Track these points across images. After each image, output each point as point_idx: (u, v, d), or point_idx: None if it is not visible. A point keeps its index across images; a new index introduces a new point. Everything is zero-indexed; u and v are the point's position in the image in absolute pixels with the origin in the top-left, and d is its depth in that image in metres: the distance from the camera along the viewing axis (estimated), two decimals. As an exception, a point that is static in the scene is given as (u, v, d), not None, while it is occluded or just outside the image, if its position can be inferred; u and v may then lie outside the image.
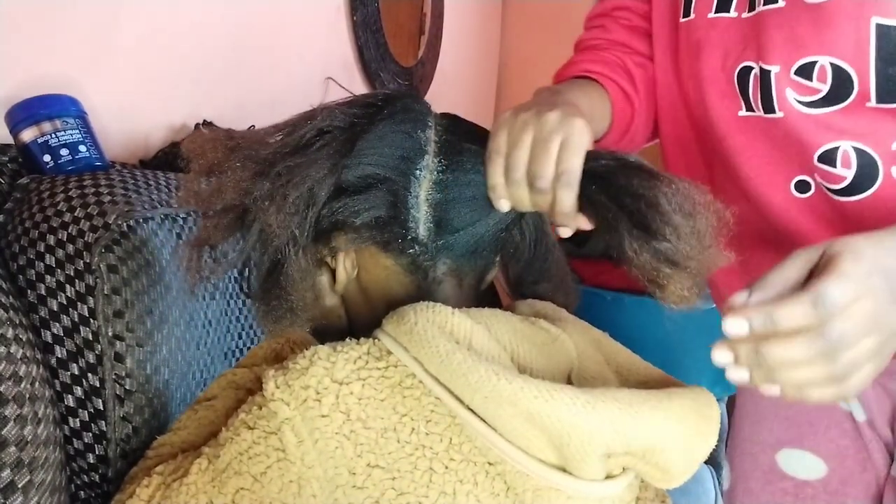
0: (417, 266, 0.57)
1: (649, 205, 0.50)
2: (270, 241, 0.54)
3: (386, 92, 0.60)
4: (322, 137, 0.55)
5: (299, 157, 0.54)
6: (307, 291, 0.56)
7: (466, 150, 0.58)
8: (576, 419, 0.45)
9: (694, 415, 0.49)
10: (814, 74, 0.61)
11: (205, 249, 0.57)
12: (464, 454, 0.48)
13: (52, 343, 0.69)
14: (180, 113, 1.15)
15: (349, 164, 0.55)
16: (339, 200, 0.56)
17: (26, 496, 0.59)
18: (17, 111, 0.83)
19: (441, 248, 0.57)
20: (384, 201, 0.56)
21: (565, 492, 0.47)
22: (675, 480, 0.50)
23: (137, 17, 1.04)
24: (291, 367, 0.49)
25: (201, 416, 0.62)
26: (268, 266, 0.56)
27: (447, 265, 0.58)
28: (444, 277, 0.58)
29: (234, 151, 0.55)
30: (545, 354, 0.53)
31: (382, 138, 0.56)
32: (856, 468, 0.74)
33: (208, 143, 0.56)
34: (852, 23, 0.58)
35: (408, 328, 0.49)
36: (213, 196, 0.55)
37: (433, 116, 0.60)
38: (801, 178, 0.66)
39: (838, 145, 0.62)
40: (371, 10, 1.64)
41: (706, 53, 0.68)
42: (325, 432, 0.47)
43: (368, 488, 0.47)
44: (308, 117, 0.57)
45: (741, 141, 0.68)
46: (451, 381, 0.47)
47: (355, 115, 0.57)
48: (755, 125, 0.67)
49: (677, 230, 0.49)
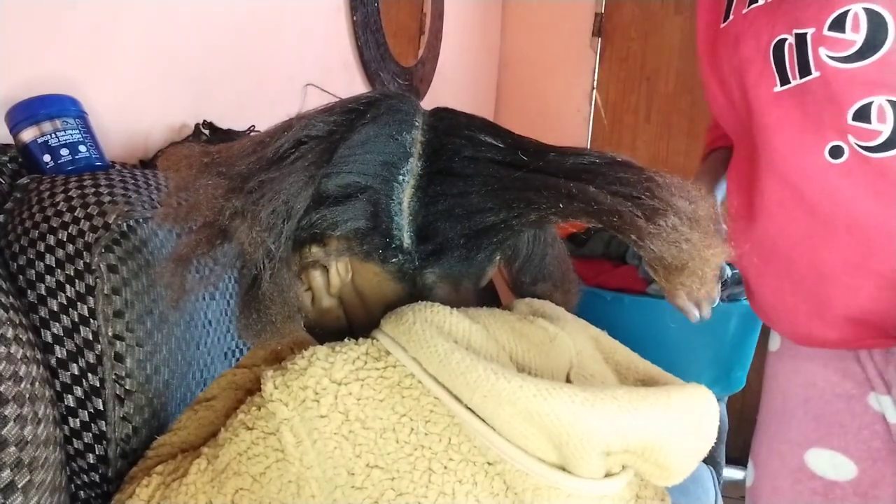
0: (404, 273, 0.57)
1: (646, 191, 0.50)
2: (247, 257, 0.53)
3: (370, 95, 0.58)
4: (298, 149, 0.54)
5: (273, 172, 0.53)
6: (288, 305, 0.55)
7: (450, 146, 0.55)
8: (575, 417, 0.45)
9: (693, 412, 0.49)
10: (847, 25, 0.63)
11: (187, 265, 0.56)
12: (463, 454, 0.48)
13: (52, 343, 0.69)
14: (180, 113, 1.15)
15: (329, 174, 0.54)
16: (318, 211, 0.55)
17: (26, 496, 0.59)
18: (17, 111, 0.83)
19: (427, 255, 0.56)
20: (364, 211, 0.55)
21: (565, 490, 0.47)
22: (675, 478, 0.50)
23: (138, 17, 1.04)
24: (290, 367, 0.49)
25: (201, 417, 0.62)
26: (248, 280, 0.55)
27: (436, 273, 0.57)
28: (434, 284, 0.57)
29: (209, 167, 0.54)
30: (544, 353, 0.53)
31: (364, 144, 0.55)
32: (887, 471, 0.73)
33: (183, 159, 0.56)
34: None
35: (406, 328, 0.49)
36: (189, 213, 0.54)
37: (421, 115, 0.58)
38: (834, 144, 0.68)
39: (872, 100, 0.64)
40: (371, 10, 1.64)
41: (743, 43, 0.72)
42: (324, 433, 0.47)
43: (367, 489, 0.47)
44: (284, 128, 0.56)
45: (776, 117, 0.71)
46: (449, 380, 0.47)
47: (335, 123, 0.55)
48: (790, 97, 0.69)
49: (679, 213, 0.49)
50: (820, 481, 0.76)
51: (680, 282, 0.50)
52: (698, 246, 0.49)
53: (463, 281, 0.58)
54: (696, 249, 0.49)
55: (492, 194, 0.54)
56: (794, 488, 0.78)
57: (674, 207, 0.49)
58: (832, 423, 0.76)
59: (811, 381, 0.78)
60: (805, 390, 0.78)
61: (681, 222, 0.49)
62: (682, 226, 0.49)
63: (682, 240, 0.48)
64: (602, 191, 0.50)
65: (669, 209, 0.49)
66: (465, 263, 0.57)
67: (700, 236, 0.49)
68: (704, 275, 0.50)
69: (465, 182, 0.54)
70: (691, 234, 0.49)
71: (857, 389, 0.74)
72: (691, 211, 0.49)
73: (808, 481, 0.77)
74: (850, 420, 0.75)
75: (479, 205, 0.54)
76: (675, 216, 0.48)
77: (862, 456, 0.74)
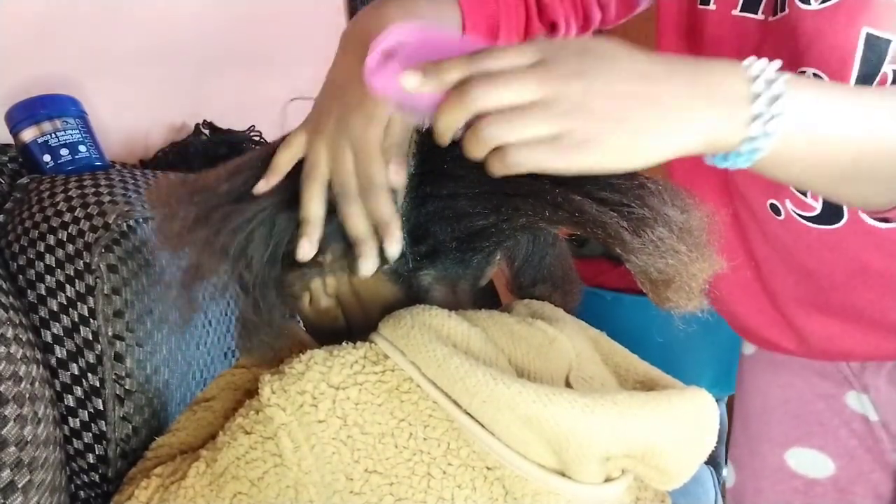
0: (399, 275, 0.56)
1: (637, 198, 0.48)
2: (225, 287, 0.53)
3: None
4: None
5: (243, 203, 0.53)
6: (273, 326, 0.55)
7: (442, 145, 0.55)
8: (574, 423, 0.44)
9: (693, 416, 0.48)
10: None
11: (196, 283, 0.56)
12: (462, 459, 0.48)
13: (52, 343, 0.69)
14: (180, 113, 1.15)
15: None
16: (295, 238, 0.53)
17: (26, 496, 0.59)
18: (17, 111, 0.83)
19: (421, 257, 0.55)
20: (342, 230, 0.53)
21: (564, 496, 0.47)
22: (675, 482, 0.50)
23: (138, 17, 1.04)
24: (287, 371, 0.49)
25: (200, 418, 0.62)
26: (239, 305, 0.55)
27: (431, 275, 0.56)
28: (431, 286, 0.57)
29: (187, 196, 0.54)
30: (543, 356, 0.53)
31: None
32: (864, 468, 0.74)
33: (164, 188, 0.56)
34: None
35: (404, 332, 0.49)
36: (177, 242, 0.54)
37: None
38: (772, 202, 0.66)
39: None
40: (371, 10, 1.64)
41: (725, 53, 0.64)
42: (322, 437, 0.47)
43: (366, 494, 0.47)
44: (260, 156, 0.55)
45: None
46: (448, 385, 0.47)
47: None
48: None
49: (669, 224, 0.48)
50: (801, 480, 0.77)
51: (667, 296, 0.49)
52: (685, 260, 0.47)
53: (460, 282, 0.58)
54: (684, 264, 0.47)
55: (481, 197, 0.53)
56: (775, 488, 0.79)
57: (663, 217, 0.47)
58: (812, 422, 0.76)
59: (790, 382, 0.78)
60: (784, 391, 0.78)
61: (669, 233, 0.47)
62: (669, 238, 0.47)
63: (668, 253, 0.47)
64: (588, 199, 0.48)
65: (658, 219, 0.47)
66: (460, 265, 0.57)
67: (688, 249, 0.48)
68: (692, 290, 0.49)
69: (456, 183, 0.54)
70: (679, 247, 0.47)
71: (836, 389, 0.75)
72: (682, 221, 0.48)
73: (789, 480, 0.78)
74: (829, 419, 0.75)
75: (468, 207, 0.53)
76: (663, 227, 0.47)
77: (839, 453, 0.75)
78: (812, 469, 0.76)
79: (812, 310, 0.70)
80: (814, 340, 0.73)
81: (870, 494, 0.74)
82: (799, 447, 0.77)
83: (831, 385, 0.75)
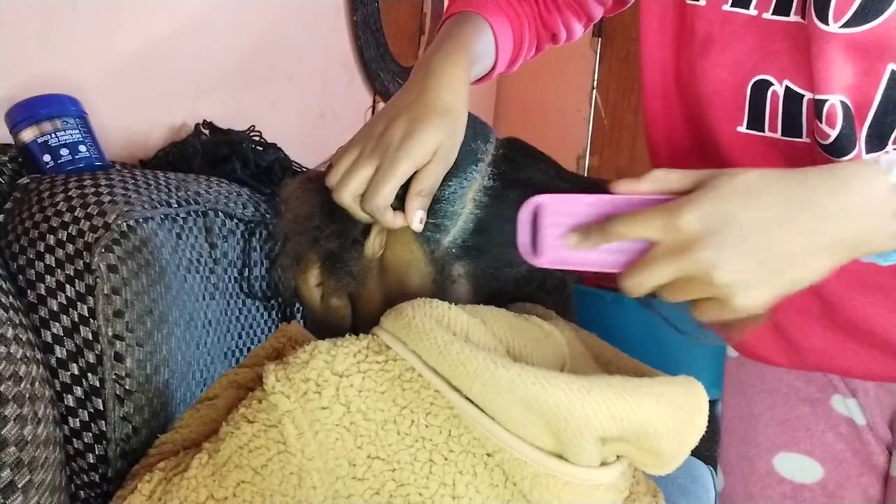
0: (437, 259, 0.59)
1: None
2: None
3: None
4: None
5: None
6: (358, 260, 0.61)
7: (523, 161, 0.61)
8: (572, 403, 0.45)
9: (685, 401, 0.49)
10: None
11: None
12: (463, 445, 0.49)
13: (52, 343, 0.69)
14: (180, 113, 1.15)
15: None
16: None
17: (26, 496, 0.59)
18: (17, 111, 0.83)
19: (468, 249, 0.58)
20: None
21: (562, 478, 0.48)
22: (667, 466, 0.51)
23: (138, 17, 1.04)
24: (291, 360, 0.50)
25: (203, 415, 0.62)
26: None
27: (465, 268, 0.59)
28: (459, 278, 0.59)
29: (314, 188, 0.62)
30: (539, 349, 0.54)
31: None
32: (852, 471, 0.74)
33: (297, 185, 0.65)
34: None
35: (405, 322, 0.50)
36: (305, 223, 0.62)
37: (494, 134, 0.64)
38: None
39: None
40: (371, 10, 1.64)
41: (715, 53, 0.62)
42: (326, 424, 0.48)
43: (368, 479, 0.48)
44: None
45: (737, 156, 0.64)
46: (449, 370, 0.48)
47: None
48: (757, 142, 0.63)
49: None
50: (789, 485, 0.77)
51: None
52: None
53: (482, 291, 0.60)
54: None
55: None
56: (764, 493, 0.79)
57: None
58: (798, 427, 0.76)
59: (775, 387, 0.78)
60: (770, 396, 0.79)
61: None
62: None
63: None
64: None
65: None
66: (492, 280, 0.60)
67: None
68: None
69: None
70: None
71: (821, 393, 0.75)
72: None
73: (777, 485, 0.78)
74: (814, 423, 0.76)
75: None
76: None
77: (827, 458, 0.75)
78: (800, 474, 0.76)
79: (814, 322, 0.70)
80: (810, 355, 0.73)
81: (859, 498, 0.74)
82: (786, 452, 0.77)
83: (816, 389, 0.75)
